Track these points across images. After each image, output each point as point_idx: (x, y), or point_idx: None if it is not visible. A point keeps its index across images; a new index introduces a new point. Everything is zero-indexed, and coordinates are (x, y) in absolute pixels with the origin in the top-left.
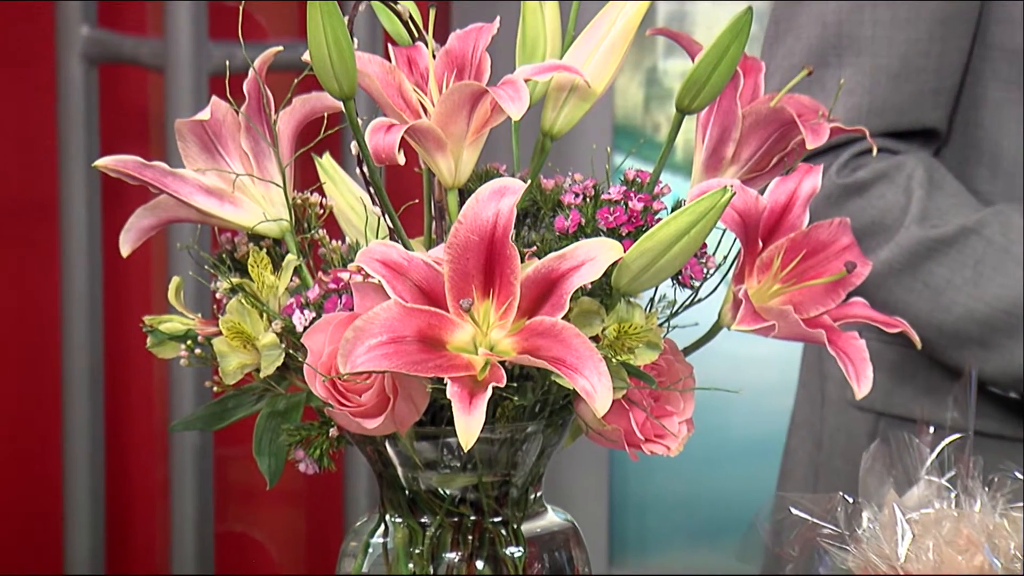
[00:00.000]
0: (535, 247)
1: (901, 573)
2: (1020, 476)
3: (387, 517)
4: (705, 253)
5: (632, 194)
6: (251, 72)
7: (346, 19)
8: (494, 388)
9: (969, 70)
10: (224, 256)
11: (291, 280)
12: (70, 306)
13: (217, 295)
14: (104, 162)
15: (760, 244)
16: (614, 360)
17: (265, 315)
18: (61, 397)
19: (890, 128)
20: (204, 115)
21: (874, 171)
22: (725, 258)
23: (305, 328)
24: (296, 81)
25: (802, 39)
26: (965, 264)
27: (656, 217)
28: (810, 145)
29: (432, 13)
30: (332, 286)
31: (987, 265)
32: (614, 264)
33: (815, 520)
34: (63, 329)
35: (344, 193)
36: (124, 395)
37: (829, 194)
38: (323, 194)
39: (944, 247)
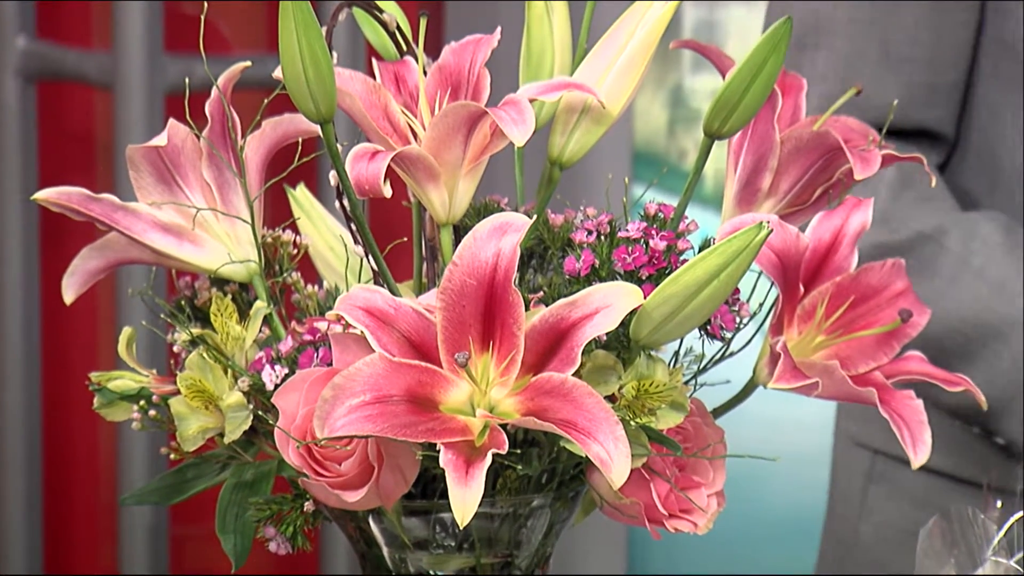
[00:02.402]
0: (542, 293)
1: None
2: None
3: None
4: (738, 300)
5: (654, 231)
6: (214, 91)
7: (324, 29)
8: (494, 455)
9: (973, 67)
10: (183, 303)
11: (260, 331)
12: (2, 361)
13: (175, 348)
14: (44, 195)
15: (801, 289)
16: (633, 423)
17: (230, 371)
18: None
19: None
20: (160, 140)
21: None
22: (761, 305)
23: (276, 386)
24: (266, 101)
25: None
26: (921, 275)
27: (681, 258)
28: (859, 175)
29: (423, 23)
30: (307, 338)
31: (942, 277)
32: (632, 312)
33: None
34: None
35: (321, 230)
36: (65, 464)
37: None
38: (297, 231)
39: (896, 255)
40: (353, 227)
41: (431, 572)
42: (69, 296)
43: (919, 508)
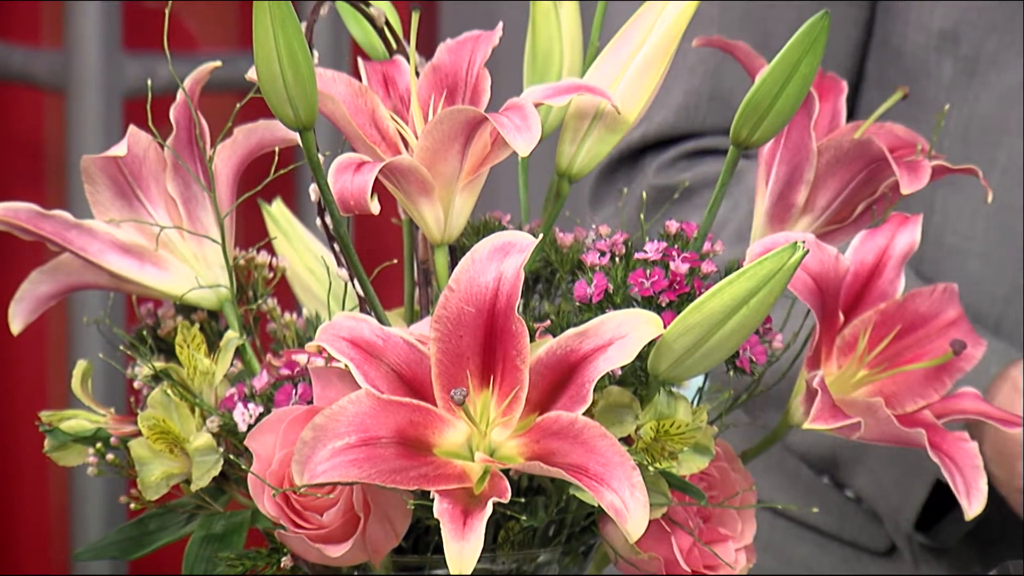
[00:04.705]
0: (548, 321)
1: None
2: None
3: None
4: (769, 329)
5: (675, 252)
6: (179, 94)
7: (304, 25)
8: (495, 505)
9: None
10: (144, 333)
11: (232, 364)
12: None
13: (135, 384)
14: None
15: (841, 317)
16: (652, 468)
17: (198, 410)
18: None
19: None
20: (118, 150)
21: (703, 176)
22: (796, 336)
23: (250, 427)
24: (238, 106)
25: None
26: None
27: (706, 283)
28: (906, 189)
29: (415, 17)
30: (285, 372)
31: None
32: (651, 344)
33: None
34: None
35: (300, 251)
36: (12, 514)
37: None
38: (273, 252)
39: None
40: (336, 247)
41: None
42: (17, 325)
43: (764, 552)
